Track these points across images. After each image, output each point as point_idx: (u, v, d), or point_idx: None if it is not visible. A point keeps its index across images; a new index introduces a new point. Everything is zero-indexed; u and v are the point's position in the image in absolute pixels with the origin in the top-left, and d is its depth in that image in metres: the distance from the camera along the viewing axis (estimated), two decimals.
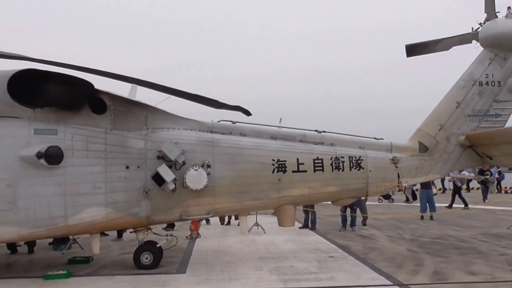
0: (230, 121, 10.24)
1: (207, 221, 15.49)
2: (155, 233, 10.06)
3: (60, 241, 11.67)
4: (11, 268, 10.11)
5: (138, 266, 9.39)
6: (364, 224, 15.62)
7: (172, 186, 8.96)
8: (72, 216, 8.66)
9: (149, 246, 9.66)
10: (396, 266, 9.38)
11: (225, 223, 16.37)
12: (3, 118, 8.59)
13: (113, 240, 13.02)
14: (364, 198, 13.69)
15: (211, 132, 9.91)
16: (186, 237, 13.35)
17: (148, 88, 9.96)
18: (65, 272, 9.04)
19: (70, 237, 11.20)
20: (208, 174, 9.26)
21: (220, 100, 10.89)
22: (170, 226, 14.72)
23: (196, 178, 9.21)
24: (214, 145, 9.66)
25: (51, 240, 11.93)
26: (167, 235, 10.10)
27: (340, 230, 14.47)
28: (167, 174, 8.96)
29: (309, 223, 15.10)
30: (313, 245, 12.05)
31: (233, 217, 15.99)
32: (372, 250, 11.23)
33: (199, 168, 9.24)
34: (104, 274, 9.24)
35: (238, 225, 15.62)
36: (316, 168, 10.11)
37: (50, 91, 8.69)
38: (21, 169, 8.41)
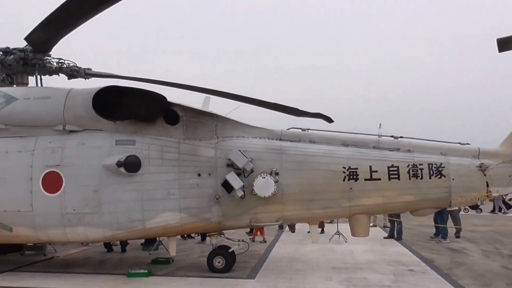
0: (300, 128, 10.45)
1: (291, 229, 15.77)
2: (227, 238, 10.61)
3: (150, 242, 12.78)
4: (103, 264, 11.36)
5: (211, 270, 9.96)
6: (457, 237, 14.70)
7: (240, 193, 9.38)
8: (149, 220, 9.52)
9: (222, 250, 10.19)
10: (483, 285, 8.77)
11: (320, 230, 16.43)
12: (89, 130, 9.79)
13: (197, 243, 13.92)
14: (457, 208, 12.97)
15: (280, 139, 10.19)
16: (250, 238, 13.90)
17: (222, 97, 10.65)
18: (146, 271, 9.92)
19: (158, 238, 12.21)
20: (276, 181, 9.50)
21: (300, 108, 11.20)
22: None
23: (264, 186, 9.52)
24: (282, 152, 9.92)
25: (143, 240, 13.11)
26: (239, 240, 10.58)
27: (430, 240, 13.88)
28: (235, 181, 9.40)
29: (395, 233, 14.67)
30: (394, 257, 11.71)
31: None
32: (459, 265, 10.62)
33: (267, 175, 9.54)
34: (180, 275, 9.96)
35: (322, 232, 15.91)
36: (391, 176, 9.85)
37: (129, 105, 9.68)
38: (104, 177, 9.47)
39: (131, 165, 9.46)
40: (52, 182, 9.51)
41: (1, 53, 10.85)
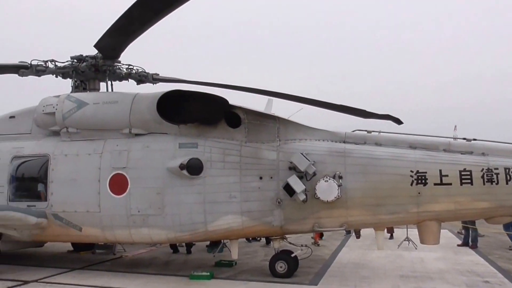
0: (366, 130, 10.02)
1: (356, 234, 15.19)
2: (290, 243, 10.34)
3: (215, 244, 12.78)
4: (168, 265, 11.47)
5: (273, 274, 9.73)
6: None
7: (302, 197, 9.10)
8: (211, 222, 9.47)
9: (284, 255, 9.93)
10: None
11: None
12: (154, 134, 9.94)
13: (261, 246, 13.76)
14: None
15: (344, 142, 9.79)
16: (312, 243, 13.56)
17: (285, 99, 10.46)
18: (208, 273, 9.87)
19: (222, 241, 12.17)
20: (339, 185, 9.14)
21: (367, 110, 10.77)
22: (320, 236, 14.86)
23: (327, 189, 9.19)
24: (346, 155, 9.52)
25: (208, 242, 13.14)
26: (302, 245, 10.29)
27: (510, 250, 12.81)
28: (297, 184, 9.13)
29: (469, 241, 13.68)
30: (468, 266, 10.89)
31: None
32: None
33: (330, 179, 9.20)
34: (241, 278, 9.82)
35: (391, 238, 15.18)
36: (464, 181, 9.13)
37: (192, 109, 9.72)
38: (168, 179, 9.55)
39: (194, 167, 9.48)
40: (118, 184, 9.75)
41: (75, 60, 11.34)
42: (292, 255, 9.90)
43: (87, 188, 9.92)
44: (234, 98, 9.82)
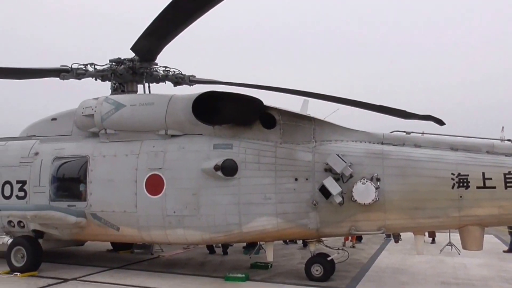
0: (405, 131, 9.66)
1: (395, 238, 14.72)
2: (326, 246, 10.09)
3: (251, 246, 12.67)
4: (203, 266, 11.43)
5: (309, 277, 9.51)
6: None
7: (338, 199, 8.84)
8: (245, 224, 9.35)
9: (320, 258, 9.68)
10: None
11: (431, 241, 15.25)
12: (189, 135, 9.91)
13: (298, 249, 13.54)
14: None
15: (382, 143, 9.46)
16: (351, 246, 13.26)
17: (321, 100, 10.25)
18: (243, 275, 9.74)
19: (259, 242, 12.04)
20: (377, 188, 8.83)
21: (407, 110, 10.41)
22: (358, 239, 14.52)
23: (364, 192, 8.89)
24: (384, 157, 9.19)
25: (245, 244, 13.04)
26: (338, 249, 10.02)
27: None
28: (333, 186, 8.89)
29: None
30: None
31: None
32: None
33: (367, 181, 8.90)
34: (277, 281, 9.64)
35: (432, 242, 14.63)
36: (508, 185, 8.63)
37: (227, 110, 9.64)
38: (203, 180, 9.50)
39: (228, 169, 9.40)
40: (154, 184, 9.77)
41: (113, 63, 11.49)
42: (329, 259, 9.65)
43: (124, 189, 10.00)
44: (269, 99, 9.71)
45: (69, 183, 11.06)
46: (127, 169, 10.07)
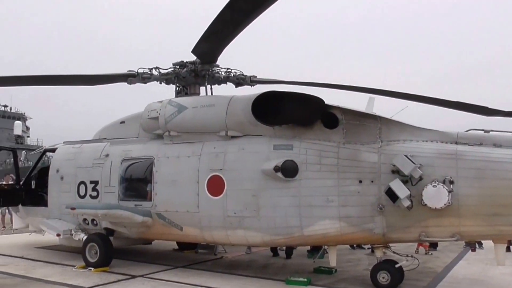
0: (483, 130, 8.70)
1: (471, 246, 13.44)
2: (394, 252, 9.33)
3: (315, 250, 12.12)
4: (265, 268, 11.09)
5: (375, 285, 8.85)
6: None
7: (407, 203, 8.15)
8: (307, 227, 8.90)
9: (387, 265, 8.97)
10: None
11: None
12: (249, 136, 9.65)
13: (366, 254, 12.76)
14: None
15: (456, 143, 8.58)
16: (425, 253, 12.39)
17: (388, 97, 9.56)
18: (305, 279, 9.28)
19: (323, 246, 11.47)
20: (450, 191, 8.00)
21: (490, 107, 9.47)
22: (433, 246, 13.42)
23: (435, 195, 8.10)
24: (458, 158, 8.32)
25: (309, 247, 12.52)
26: (407, 256, 9.23)
27: None
28: (401, 189, 8.20)
29: None
30: None
31: None
32: None
33: (438, 184, 8.10)
34: (340, 287, 9.11)
35: (508, 250, 13.13)
36: None
37: (287, 110, 9.23)
38: (263, 181, 9.18)
39: (288, 170, 8.99)
40: (215, 185, 9.61)
41: (177, 67, 11.52)
42: (397, 266, 8.90)
43: (187, 189, 9.95)
44: (331, 98, 9.18)
45: (136, 184, 11.25)
46: (189, 170, 10.00)
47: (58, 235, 11.74)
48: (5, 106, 77.24)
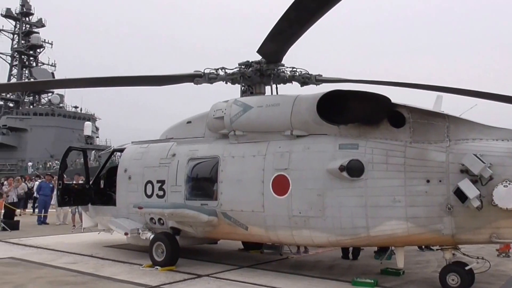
0: None
1: None
2: (464, 254, 9.85)
3: (383, 251, 12.74)
4: (331, 269, 11.89)
5: (444, 287, 9.43)
6: None
7: (476, 203, 8.64)
8: (373, 227, 9.55)
9: (457, 267, 9.52)
10: None
11: None
12: (314, 135, 10.43)
13: (437, 257, 13.20)
14: None
15: None
16: (503, 256, 12.64)
17: (457, 95, 10.04)
18: (372, 281, 9.98)
19: (390, 247, 12.07)
20: None
21: None
22: None
23: (506, 196, 8.58)
24: None
25: (376, 248, 13.18)
26: (478, 258, 9.72)
27: None
28: (470, 189, 8.71)
29: None
30: None
31: None
32: None
33: (510, 184, 8.58)
34: None
35: None
36: None
37: (352, 109, 9.96)
38: (328, 181, 9.91)
39: (354, 169, 9.67)
40: (280, 185, 10.41)
41: (242, 66, 12.50)
42: (467, 268, 9.42)
43: (252, 189, 10.81)
44: (398, 96, 9.82)
45: (202, 183, 12.26)
46: (254, 170, 10.89)
47: (126, 234, 12.86)
48: (76, 107, 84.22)
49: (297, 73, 12.51)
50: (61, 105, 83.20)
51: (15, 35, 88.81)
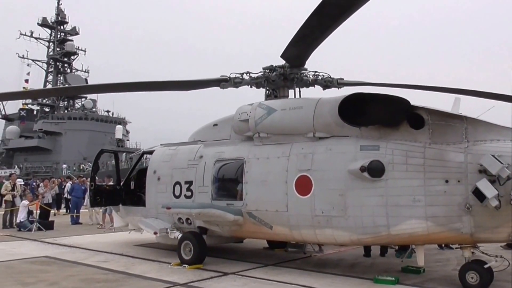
0: None
1: None
2: (483, 253, 9.94)
3: (403, 249, 12.83)
4: (354, 267, 12.08)
5: (464, 285, 9.52)
6: None
7: (495, 203, 8.74)
8: (393, 226, 9.73)
9: (476, 265, 9.60)
10: None
11: None
12: (336, 137, 10.68)
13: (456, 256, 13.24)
14: None
15: None
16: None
17: (474, 96, 10.15)
18: (393, 278, 10.18)
19: (411, 245, 12.18)
20: None
21: None
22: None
23: None
24: None
25: (397, 247, 13.30)
26: (496, 256, 9.79)
27: None
28: (488, 189, 8.83)
29: None
30: None
31: None
32: None
33: None
34: (428, 286, 9.89)
35: None
36: None
37: (373, 111, 10.16)
38: (349, 181, 10.12)
39: (375, 170, 9.87)
40: (303, 185, 10.68)
41: (267, 71, 12.79)
42: (486, 266, 9.50)
43: (276, 189, 11.08)
44: (417, 99, 10.00)
45: (228, 184, 12.61)
46: (278, 171, 11.17)
47: (155, 233, 13.25)
48: (108, 111, 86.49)
49: (320, 77, 12.74)
50: (93, 109, 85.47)
51: (51, 43, 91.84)
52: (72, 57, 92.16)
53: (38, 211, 22.24)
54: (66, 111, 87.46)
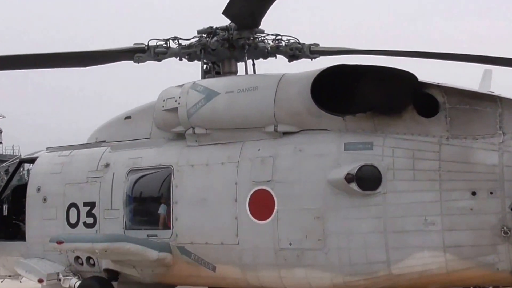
0: None
1: None
2: None
3: None
4: None
5: None
6: None
7: None
8: (396, 262, 9.26)
9: None
10: None
11: None
12: (308, 131, 10.11)
13: None
14: None
15: None
16: None
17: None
18: None
19: None
20: None
21: None
22: None
23: None
24: None
25: None
26: None
27: None
28: None
29: None
30: None
31: None
32: None
33: None
34: None
35: None
36: None
37: (363, 92, 9.63)
38: (330, 197, 9.64)
39: (367, 179, 9.41)
40: (261, 204, 10.15)
41: (203, 35, 12.10)
42: None
43: (221, 211, 10.56)
44: (429, 73, 9.54)
45: (149, 205, 12.08)
46: (223, 184, 10.62)
47: (40, 280, 12.54)
48: None
49: (283, 43, 12.25)
50: None
51: None
52: None
53: None
54: None
